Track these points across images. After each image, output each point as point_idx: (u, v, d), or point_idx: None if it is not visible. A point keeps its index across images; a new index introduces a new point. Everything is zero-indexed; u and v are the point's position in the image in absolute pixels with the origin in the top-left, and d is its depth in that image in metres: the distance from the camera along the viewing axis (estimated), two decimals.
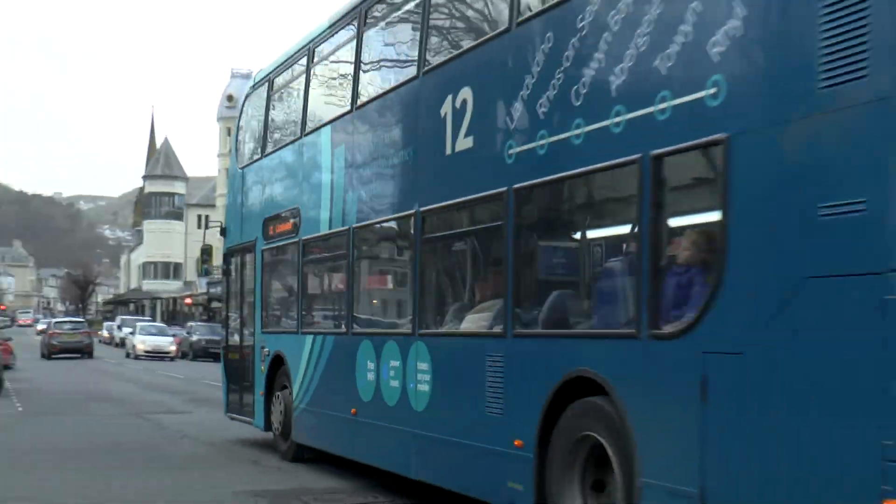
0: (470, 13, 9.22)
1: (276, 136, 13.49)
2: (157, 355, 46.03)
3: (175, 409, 18.79)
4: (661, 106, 6.04)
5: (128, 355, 48.73)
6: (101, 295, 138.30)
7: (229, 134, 73.19)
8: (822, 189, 4.93)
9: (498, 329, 7.76)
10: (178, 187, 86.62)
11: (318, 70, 12.19)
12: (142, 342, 47.19)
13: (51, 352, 45.78)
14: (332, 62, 11.93)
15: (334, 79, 11.89)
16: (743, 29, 5.44)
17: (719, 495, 5.47)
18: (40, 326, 66.82)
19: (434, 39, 9.29)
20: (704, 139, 5.71)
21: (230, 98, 76.70)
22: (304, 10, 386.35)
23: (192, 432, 15.77)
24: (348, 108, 10.91)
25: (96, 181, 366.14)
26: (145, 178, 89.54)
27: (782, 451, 5.03)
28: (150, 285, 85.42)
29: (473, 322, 8.40)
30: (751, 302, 5.34)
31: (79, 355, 45.52)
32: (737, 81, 5.52)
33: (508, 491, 7.42)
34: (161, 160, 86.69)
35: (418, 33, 9.32)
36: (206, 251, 17.20)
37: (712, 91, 5.65)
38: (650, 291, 6.10)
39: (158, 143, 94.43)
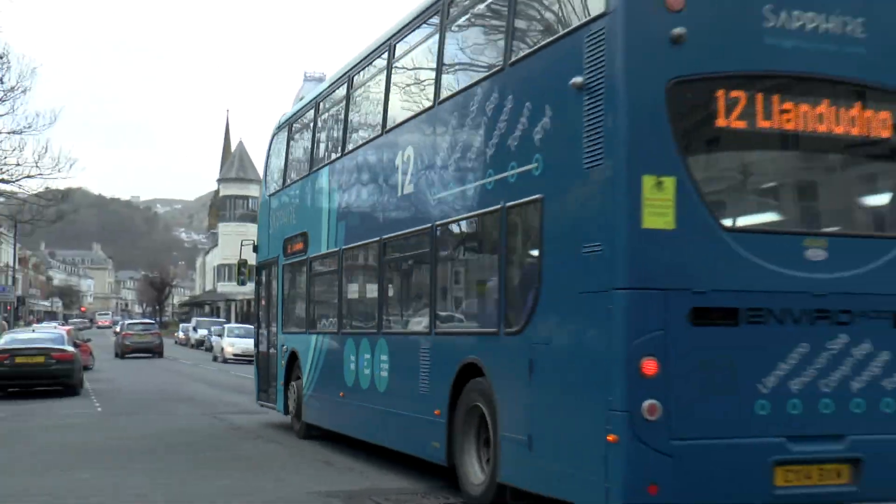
0: (413, 88, 11.78)
1: (293, 172, 16.39)
2: (246, 358, 40.56)
3: (248, 409, 18.97)
4: (511, 173, 8.80)
5: (215, 359, 46.56)
6: (177, 297, 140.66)
7: None
8: (584, 234, 7.57)
9: (425, 329, 10.66)
10: (253, 190, 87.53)
11: (320, 120, 15.16)
12: (230, 345, 44.53)
13: (124, 351, 48.59)
14: (330, 115, 14.84)
15: (332, 128, 14.78)
16: (550, 125, 8.20)
17: (539, 439, 8.13)
18: (118, 328, 68.44)
19: (393, 105, 12.05)
20: (532, 197, 8.39)
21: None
22: (376, 14, 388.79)
23: (264, 433, 15.91)
24: (339, 153, 13.79)
25: (172, 185, 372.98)
26: (220, 181, 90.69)
27: (566, 405, 7.77)
28: (224, 287, 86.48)
29: (415, 323, 11.20)
30: (553, 308, 8.07)
31: (150, 355, 47.73)
32: (547, 159, 8.24)
33: (431, 448, 10.21)
34: (235, 163, 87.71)
35: (383, 99, 12.29)
36: (243, 264, 18.96)
37: (535, 165, 8.39)
38: (505, 302, 8.88)
39: (233, 146, 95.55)
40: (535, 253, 8.45)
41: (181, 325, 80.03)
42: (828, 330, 7.57)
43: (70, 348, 25.40)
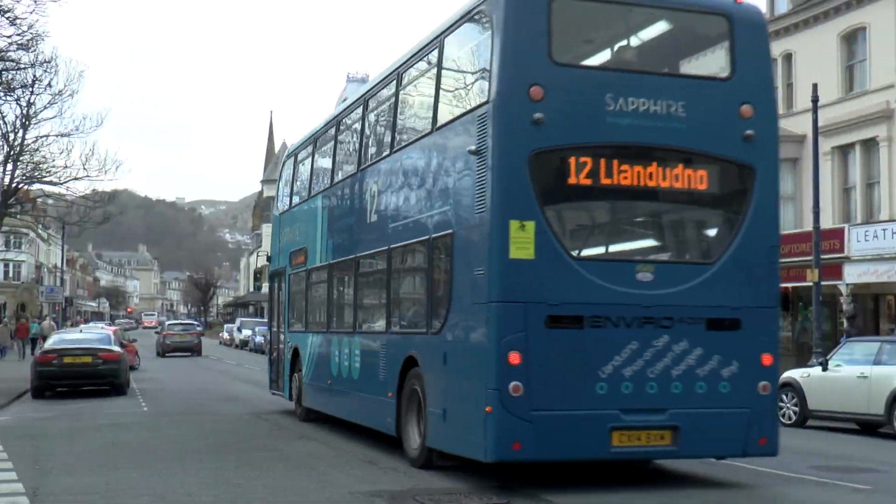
0: (379, 136, 14.82)
1: (297, 196, 19.16)
2: None
3: (292, 409, 19.06)
4: (435, 212, 11.64)
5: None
6: (222, 297, 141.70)
7: None
8: (475, 261, 10.45)
9: (382, 329, 13.54)
10: None
11: (317, 154, 18.04)
12: None
13: (164, 350, 51.33)
14: (324, 151, 17.62)
15: (324, 162, 17.59)
16: (458, 178, 11.04)
17: (449, 412, 10.92)
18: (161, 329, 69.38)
19: (365, 148, 15.06)
20: (447, 232, 11.25)
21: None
22: (418, 15, 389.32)
23: (308, 433, 15.99)
24: (329, 184, 16.72)
25: (217, 186, 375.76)
26: (264, 182, 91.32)
27: (463, 386, 10.62)
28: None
29: (377, 325, 14.02)
30: (459, 315, 10.88)
31: (189, 354, 50.38)
32: (455, 204, 11.11)
33: (386, 423, 12.89)
34: (279, 164, 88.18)
35: (359, 142, 15.35)
36: (258, 273, 22.49)
37: (449, 207, 11.27)
38: (430, 309, 11.72)
39: (276, 147, 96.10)
40: (448, 274, 11.27)
41: (225, 326, 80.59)
42: (653, 332, 10.34)
43: (117, 348, 25.69)
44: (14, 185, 51.46)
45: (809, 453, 14.45)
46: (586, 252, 10.82)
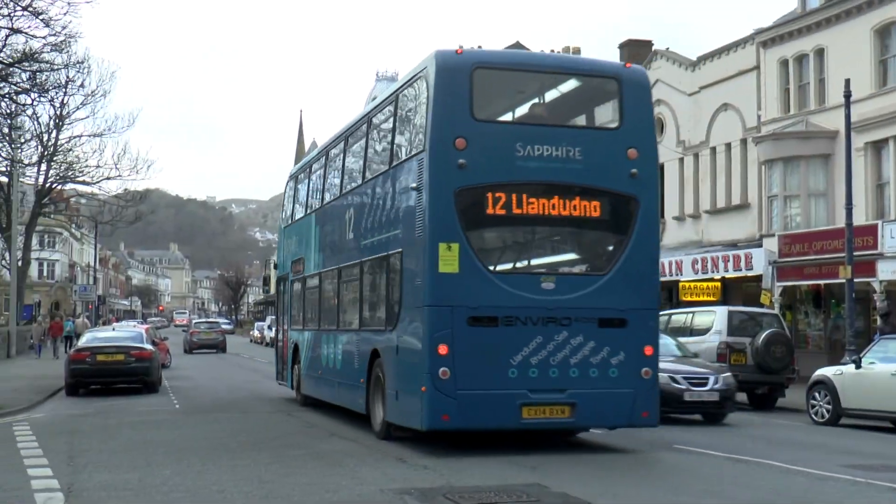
0: (354, 169, 17.46)
1: (297, 212, 22.26)
2: None
3: (321, 407, 19.15)
4: (391, 233, 14.38)
5: None
6: (252, 296, 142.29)
7: None
8: (417, 274, 13.06)
9: (356, 328, 16.48)
10: None
11: (311, 178, 21.14)
12: None
13: (192, 347, 54.30)
14: (316, 176, 20.61)
15: (317, 185, 20.59)
16: (405, 208, 13.64)
17: (400, 392, 13.64)
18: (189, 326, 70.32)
19: (344, 177, 18.05)
20: (398, 250, 13.95)
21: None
22: (448, 14, 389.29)
23: (339, 430, 16.05)
24: (320, 205, 19.73)
25: (247, 185, 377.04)
26: None
27: (408, 372, 13.31)
28: None
29: (353, 323, 16.85)
30: (406, 316, 13.51)
31: (214, 350, 53.64)
32: (403, 228, 13.75)
33: (359, 404, 15.75)
34: None
35: (340, 172, 18.37)
36: (266, 278, 26.92)
37: (399, 231, 13.96)
38: (387, 313, 14.51)
39: (306, 146, 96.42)
40: (399, 284, 14.01)
41: (256, 324, 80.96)
42: (555, 329, 12.98)
43: (149, 346, 25.89)
44: (48, 185, 52.10)
45: (842, 452, 14.35)
46: (500, 267, 13.50)
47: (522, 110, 14.74)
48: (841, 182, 26.08)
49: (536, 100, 14.57)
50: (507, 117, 14.72)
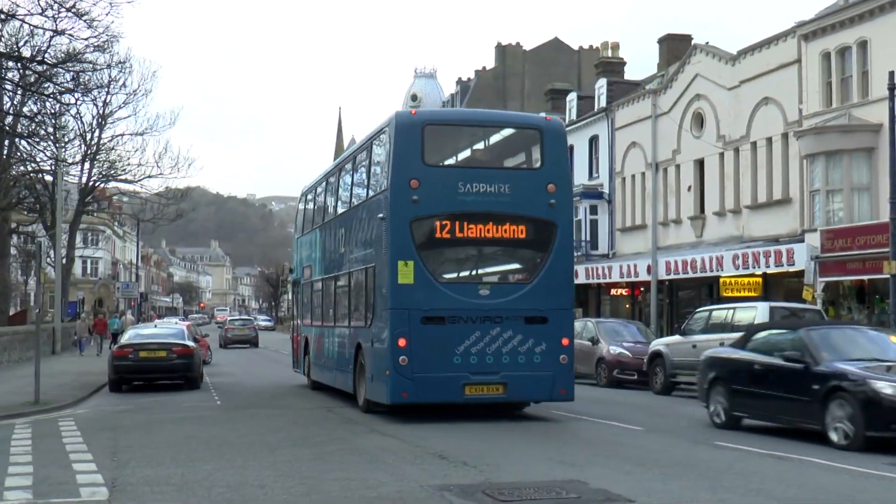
0: (344, 195, 21.14)
1: (306, 226, 26.27)
2: None
3: (359, 403, 19.20)
4: (367, 251, 18.29)
5: None
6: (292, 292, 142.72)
7: None
8: (383, 284, 16.89)
9: (346, 325, 20.11)
10: None
11: (317, 198, 24.99)
12: None
13: (226, 342, 57.51)
14: (319, 197, 24.65)
15: (320, 205, 24.47)
16: (377, 232, 17.41)
17: (374, 375, 17.42)
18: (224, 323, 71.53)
19: (338, 202, 21.85)
20: (372, 264, 17.81)
21: (414, 97, 77.88)
22: (486, 10, 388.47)
23: (378, 426, 16.11)
24: (322, 222, 23.61)
25: (286, 182, 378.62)
26: None
27: (379, 360, 17.13)
28: None
29: (344, 321, 20.35)
30: (378, 317, 17.30)
31: (246, 345, 57.10)
32: (375, 248, 17.63)
33: (349, 386, 19.27)
34: None
35: (335, 196, 22.21)
36: (284, 280, 33.76)
37: (373, 250, 17.88)
38: (366, 313, 18.25)
39: (345, 143, 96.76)
40: (373, 290, 17.68)
41: (294, 322, 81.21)
42: (490, 325, 16.52)
43: (190, 343, 26.09)
44: (91, 184, 52.69)
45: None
46: (446, 277, 16.87)
47: (464, 155, 18.46)
48: (885, 176, 25.76)
49: (474, 147, 18.43)
50: (451, 161, 18.24)
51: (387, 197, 16.70)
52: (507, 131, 18.52)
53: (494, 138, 18.45)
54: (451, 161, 18.20)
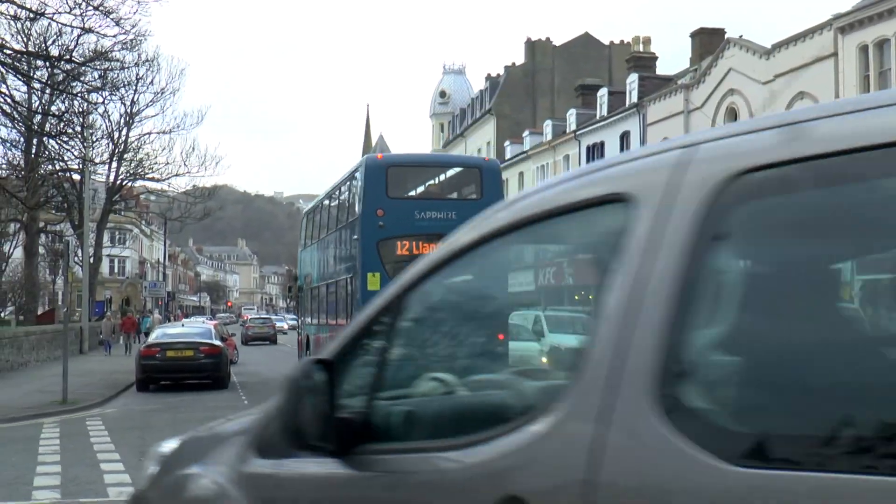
0: (333, 218, 25.32)
1: (307, 241, 30.34)
2: None
3: None
4: (348, 264, 22.31)
5: None
6: None
7: (442, 130, 74.59)
8: (360, 292, 20.40)
9: (335, 323, 23.46)
10: None
11: (315, 218, 28.98)
12: None
13: (247, 340, 59.50)
14: (317, 216, 28.51)
15: (317, 224, 28.27)
16: (353, 250, 21.69)
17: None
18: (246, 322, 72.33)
19: (328, 223, 25.88)
20: (352, 275, 21.71)
21: (443, 94, 77.76)
22: (517, 6, 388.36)
23: None
24: (318, 238, 27.53)
25: (314, 181, 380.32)
26: None
27: None
28: None
29: (334, 319, 23.76)
30: (354, 315, 20.08)
31: (267, 342, 60.21)
32: (352, 263, 21.78)
33: None
34: None
35: (327, 218, 26.12)
36: (290, 287, 37.38)
37: (352, 263, 21.76)
38: (347, 310, 21.91)
39: (373, 140, 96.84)
40: (353, 295, 20.79)
41: None
42: None
43: (217, 342, 25.98)
44: (118, 183, 52.80)
45: None
46: None
47: (419, 189, 22.77)
48: None
49: (428, 183, 22.80)
50: (411, 194, 22.41)
51: (359, 222, 20.67)
52: (454, 170, 23.68)
53: (443, 176, 23.26)
54: (410, 194, 22.50)
